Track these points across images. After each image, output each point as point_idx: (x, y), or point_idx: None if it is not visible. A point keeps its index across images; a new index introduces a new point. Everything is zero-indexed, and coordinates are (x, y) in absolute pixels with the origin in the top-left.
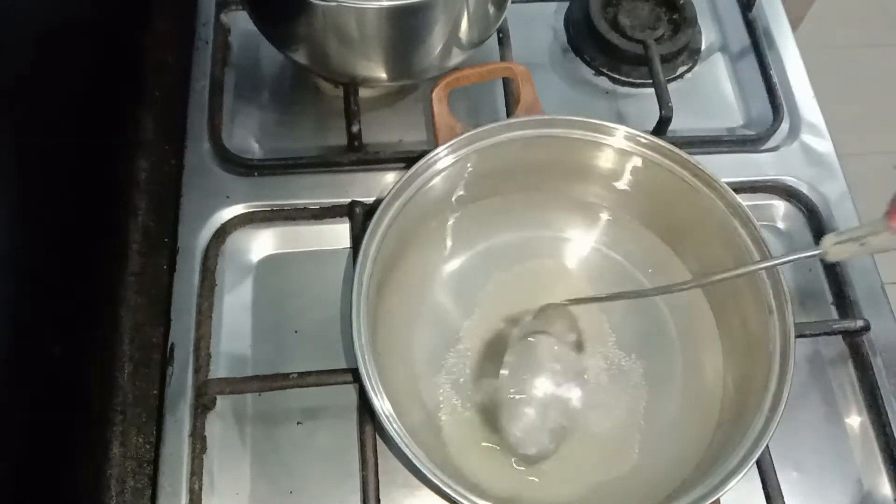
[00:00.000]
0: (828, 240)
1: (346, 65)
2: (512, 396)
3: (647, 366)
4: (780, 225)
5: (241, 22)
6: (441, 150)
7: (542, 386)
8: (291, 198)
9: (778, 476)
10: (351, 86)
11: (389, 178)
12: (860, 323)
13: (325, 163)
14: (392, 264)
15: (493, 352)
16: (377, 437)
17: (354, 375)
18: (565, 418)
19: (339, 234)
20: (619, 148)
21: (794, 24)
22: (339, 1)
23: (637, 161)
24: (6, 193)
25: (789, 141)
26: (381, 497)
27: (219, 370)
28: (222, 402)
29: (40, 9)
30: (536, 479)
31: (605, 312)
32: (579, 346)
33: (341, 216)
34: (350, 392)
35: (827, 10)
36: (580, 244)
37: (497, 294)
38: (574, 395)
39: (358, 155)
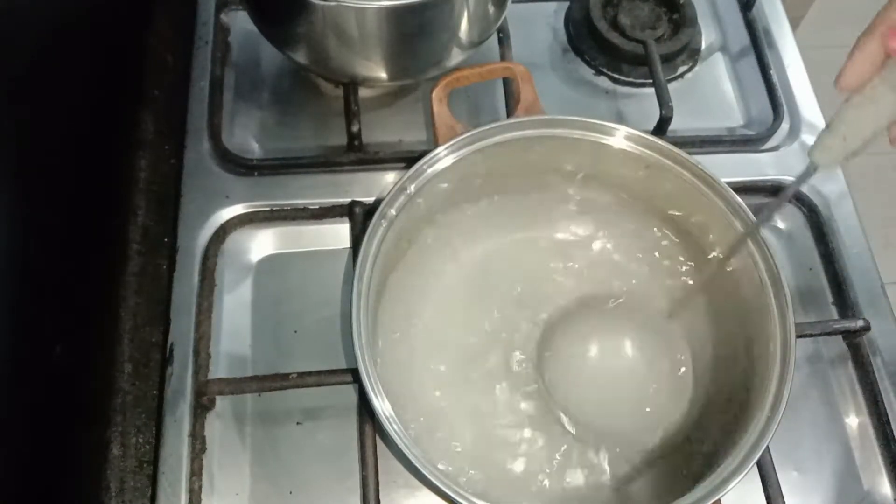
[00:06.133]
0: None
1: (346, 65)
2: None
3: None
4: (781, 225)
5: (241, 22)
6: (441, 150)
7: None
8: (291, 198)
9: (778, 476)
10: (351, 86)
11: (389, 178)
12: (860, 323)
13: (325, 163)
14: (392, 264)
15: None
16: (377, 437)
17: (354, 376)
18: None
19: (339, 234)
20: (619, 148)
21: (794, 24)
22: (339, 1)
23: (637, 161)
24: (6, 193)
25: (789, 141)
26: (381, 497)
27: (218, 370)
28: (222, 403)
29: (40, 9)
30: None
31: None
32: None
33: (341, 216)
34: (350, 392)
35: (827, 10)
36: (580, 244)
37: (496, 294)
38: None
39: (358, 155)
